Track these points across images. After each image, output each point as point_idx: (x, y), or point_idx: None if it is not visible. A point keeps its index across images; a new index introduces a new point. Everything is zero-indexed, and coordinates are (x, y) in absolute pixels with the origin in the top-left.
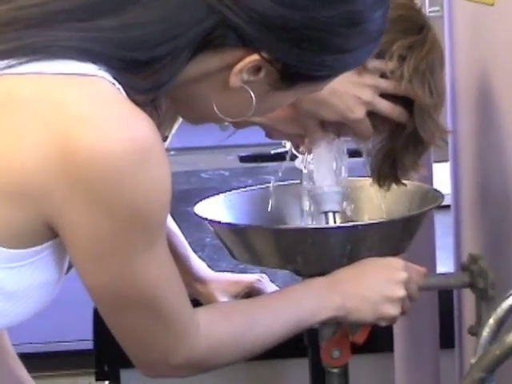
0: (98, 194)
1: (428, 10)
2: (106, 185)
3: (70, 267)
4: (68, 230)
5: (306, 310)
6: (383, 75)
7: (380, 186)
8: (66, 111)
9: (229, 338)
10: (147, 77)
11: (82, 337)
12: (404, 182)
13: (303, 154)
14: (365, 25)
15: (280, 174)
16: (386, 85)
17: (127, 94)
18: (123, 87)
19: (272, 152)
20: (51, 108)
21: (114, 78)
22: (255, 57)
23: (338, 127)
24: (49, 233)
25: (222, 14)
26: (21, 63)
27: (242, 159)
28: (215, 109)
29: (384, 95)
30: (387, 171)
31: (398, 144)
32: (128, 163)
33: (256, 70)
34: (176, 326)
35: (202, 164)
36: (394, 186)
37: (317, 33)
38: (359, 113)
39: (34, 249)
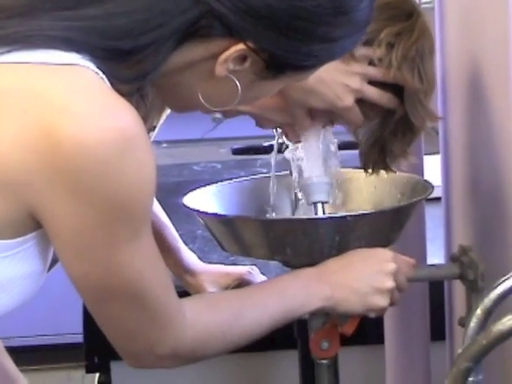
0: (81, 185)
1: (421, 1)
2: (89, 175)
3: (56, 260)
4: (51, 221)
5: (294, 300)
6: (371, 62)
7: (368, 172)
8: (49, 101)
9: (216, 329)
10: (131, 66)
11: (74, 330)
12: (394, 171)
13: (292, 142)
14: (351, 14)
15: (273, 166)
16: (374, 72)
17: (111, 83)
18: (107, 77)
19: (264, 144)
20: (33, 98)
21: (98, 68)
22: (241, 46)
23: (327, 115)
24: (33, 223)
25: (208, 3)
26: (2, 53)
27: (235, 152)
28: (200, 98)
29: (373, 82)
30: (376, 158)
31: (387, 130)
32: (111, 153)
33: (242, 59)
34: (162, 316)
35: (195, 157)
36: (383, 173)
37: (303, 22)
38: (348, 101)
39: (18, 239)
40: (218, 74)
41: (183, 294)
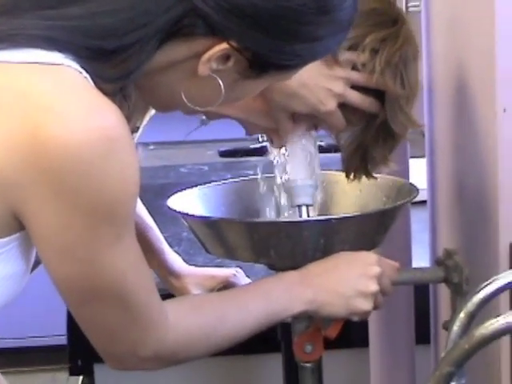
0: (64, 185)
1: (408, 5)
2: (72, 176)
3: (38, 262)
4: (34, 222)
5: (277, 303)
6: (355, 67)
7: (349, 178)
8: (33, 101)
9: (198, 331)
10: (115, 65)
11: (60, 332)
12: (378, 175)
13: (276, 148)
14: (334, 13)
15: (259, 169)
16: (357, 77)
17: (95, 82)
18: (91, 76)
19: (251, 147)
20: (17, 97)
21: (82, 67)
22: (224, 45)
23: (310, 120)
24: (16, 224)
25: (191, 2)
26: None
27: (222, 154)
28: (183, 97)
29: (356, 87)
30: (358, 164)
31: (368, 136)
32: (95, 154)
33: (225, 58)
34: (144, 318)
35: (182, 158)
36: (365, 179)
37: (287, 22)
38: (330, 105)
39: (0, 240)
40: (201, 74)
41: (168, 296)
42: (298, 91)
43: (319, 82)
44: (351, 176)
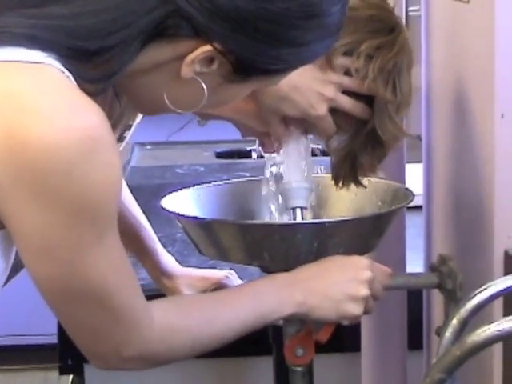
0: (45, 185)
1: (408, 9)
2: (54, 176)
3: (22, 266)
4: (14, 221)
5: (266, 306)
6: (347, 72)
7: (338, 185)
8: (14, 100)
9: (184, 332)
10: (97, 66)
11: (51, 331)
12: (365, 186)
13: (268, 153)
14: (322, 18)
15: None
16: (349, 82)
17: (77, 83)
18: (73, 76)
19: (248, 149)
20: None
21: (64, 67)
22: (208, 47)
23: (301, 124)
24: None
25: (175, 3)
26: None
27: (218, 155)
28: (166, 99)
29: (347, 92)
30: (347, 171)
31: (358, 143)
32: (76, 153)
33: (209, 61)
34: (127, 318)
35: (178, 159)
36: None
37: (271, 25)
38: (321, 109)
39: None
40: (184, 76)
41: (160, 296)
42: (289, 94)
43: (311, 86)
44: (340, 184)
